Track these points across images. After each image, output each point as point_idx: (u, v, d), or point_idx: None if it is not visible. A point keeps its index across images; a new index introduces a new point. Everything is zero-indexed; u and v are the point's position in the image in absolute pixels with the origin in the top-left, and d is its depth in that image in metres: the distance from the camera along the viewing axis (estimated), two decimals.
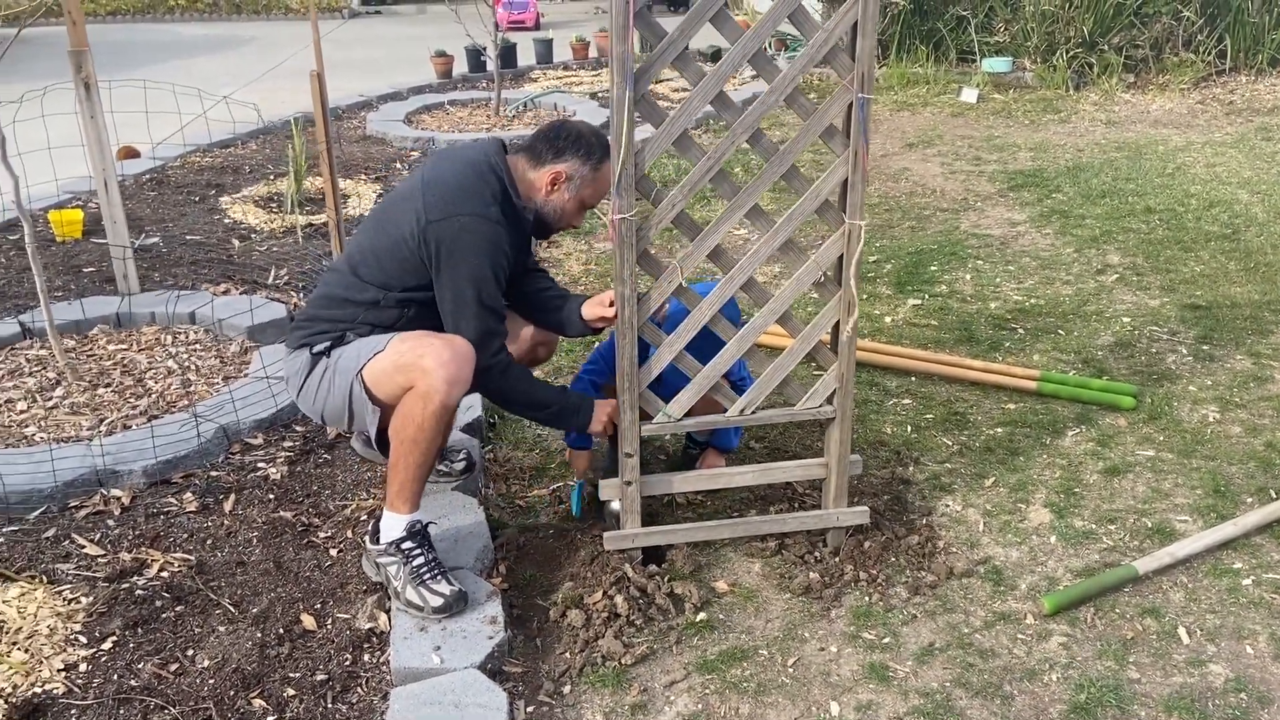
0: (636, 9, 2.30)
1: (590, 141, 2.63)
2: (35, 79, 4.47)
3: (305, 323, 2.67)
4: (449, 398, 2.43)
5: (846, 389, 2.71)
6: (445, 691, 2.25)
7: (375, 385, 2.51)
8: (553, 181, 2.63)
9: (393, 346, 2.51)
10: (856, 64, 2.42)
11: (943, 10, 9.61)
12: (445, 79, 9.72)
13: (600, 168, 2.64)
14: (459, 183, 2.58)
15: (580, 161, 2.62)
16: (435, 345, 2.45)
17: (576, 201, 2.67)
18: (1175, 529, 2.93)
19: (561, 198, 2.66)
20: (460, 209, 2.53)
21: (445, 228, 2.51)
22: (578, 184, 2.65)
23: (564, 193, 2.65)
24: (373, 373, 2.51)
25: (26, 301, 4.36)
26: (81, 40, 3.98)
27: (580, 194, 2.66)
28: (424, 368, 2.42)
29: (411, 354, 2.46)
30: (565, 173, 2.62)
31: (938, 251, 5.08)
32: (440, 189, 2.57)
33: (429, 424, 2.44)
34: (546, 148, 2.63)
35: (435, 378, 2.41)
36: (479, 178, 2.59)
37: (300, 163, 5.67)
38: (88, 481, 3.01)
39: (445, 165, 2.65)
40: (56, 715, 2.25)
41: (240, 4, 16.05)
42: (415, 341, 2.49)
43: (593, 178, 2.65)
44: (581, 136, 2.64)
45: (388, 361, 2.49)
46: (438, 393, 2.41)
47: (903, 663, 2.46)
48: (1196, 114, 7.99)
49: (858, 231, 2.55)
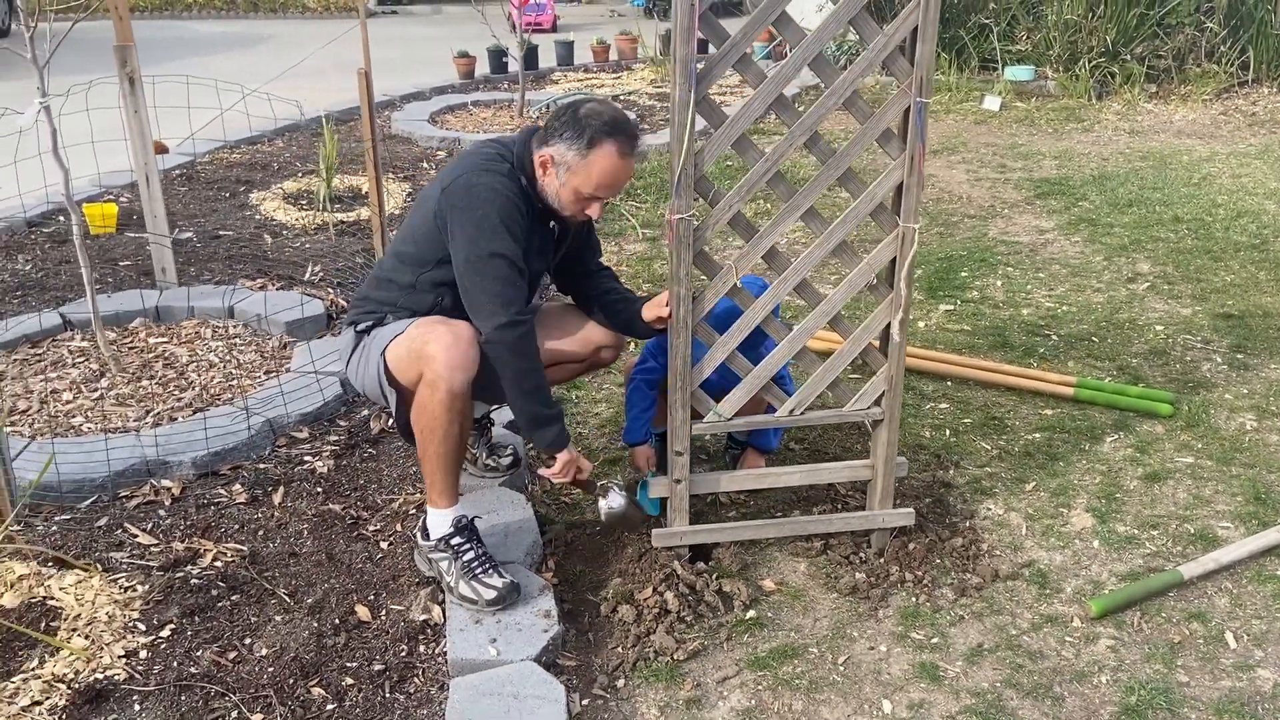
0: (701, 11, 2.33)
1: (586, 123, 2.46)
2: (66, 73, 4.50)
3: (359, 301, 2.73)
4: (453, 383, 2.42)
5: (896, 391, 2.73)
6: (503, 683, 2.27)
7: (396, 371, 2.54)
8: (542, 166, 2.53)
9: (408, 331, 2.53)
10: (915, 68, 2.45)
11: (965, 18, 9.64)
12: (468, 79, 9.76)
13: (590, 153, 2.46)
14: (475, 150, 2.61)
15: (567, 145, 2.47)
16: (439, 330, 2.45)
17: (570, 191, 2.52)
18: (1217, 535, 2.95)
19: (553, 185, 2.54)
20: (469, 168, 2.53)
21: (456, 186, 2.52)
22: (565, 171, 2.50)
23: (554, 179, 2.53)
24: (393, 357, 2.55)
25: (64, 294, 4.40)
26: (127, 35, 4.02)
27: (571, 183, 2.50)
28: (429, 354, 2.43)
29: (419, 340, 2.47)
30: (553, 157, 2.50)
31: (967, 258, 5.10)
32: (458, 162, 2.60)
33: (439, 411, 2.45)
34: (547, 127, 2.54)
35: (439, 364, 2.41)
36: (496, 147, 2.59)
37: (331, 160, 5.71)
38: (138, 472, 3.04)
39: (475, 153, 2.64)
40: (119, 700, 2.27)
41: (257, 2, 16.12)
42: (425, 328, 2.49)
43: (581, 165, 2.48)
44: (578, 118, 2.48)
45: (403, 348, 2.52)
46: (442, 379, 2.41)
47: (952, 663, 2.48)
48: (1220, 125, 8.00)
49: (912, 234, 2.58)
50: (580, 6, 17.56)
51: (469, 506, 2.78)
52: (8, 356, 3.78)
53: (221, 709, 2.26)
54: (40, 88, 3.26)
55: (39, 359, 3.78)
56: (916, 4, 2.39)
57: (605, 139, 2.46)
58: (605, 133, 2.46)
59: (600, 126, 2.46)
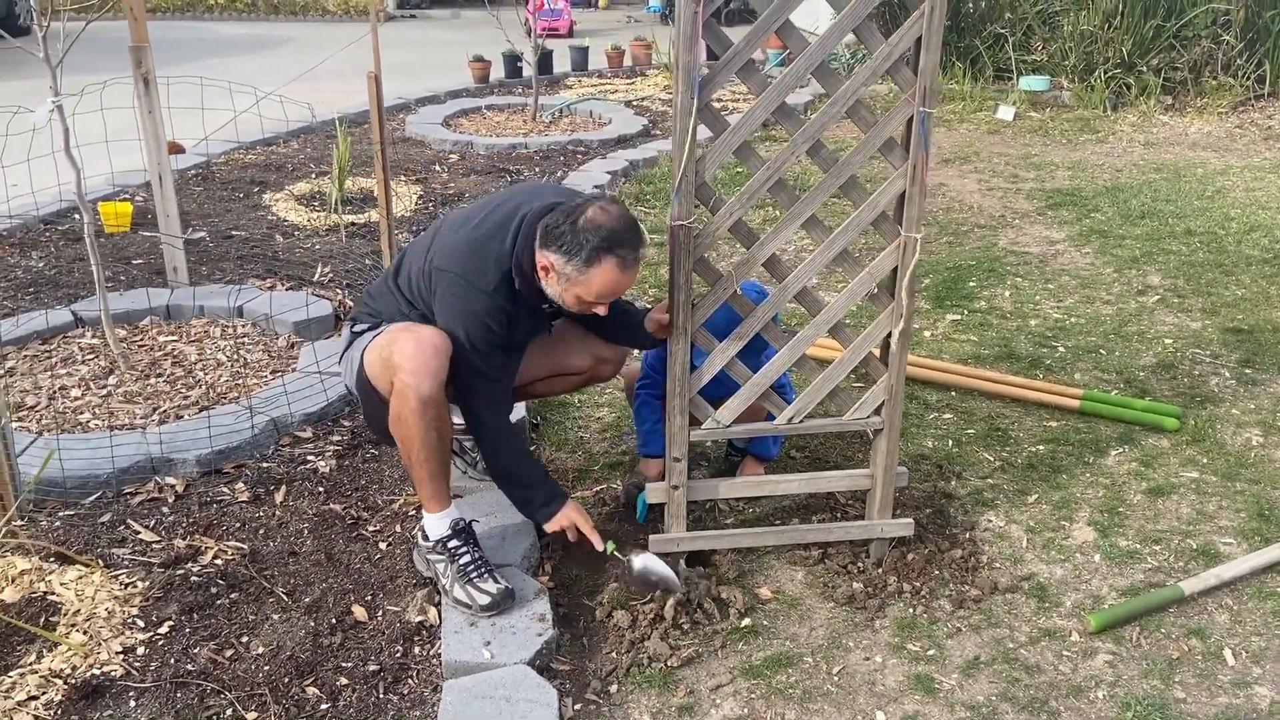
0: (704, 19, 2.34)
1: (584, 238, 2.35)
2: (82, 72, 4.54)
3: (363, 302, 2.78)
4: (420, 390, 2.42)
5: (896, 401, 2.72)
6: (496, 686, 2.28)
7: (373, 377, 2.59)
8: (543, 269, 2.45)
9: (381, 339, 2.57)
10: (919, 78, 2.45)
11: (981, 28, 9.62)
12: (482, 83, 9.80)
13: (589, 269, 2.37)
14: (479, 236, 2.50)
15: (566, 259, 2.39)
16: (402, 339, 2.47)
17: (572, 296, 2.46)
18: (1220, 551, 2.93)
19: (554, 289, 2.47)
20: (459, 265, 2.49)
21: (439, 279, 2.50)
22: (565, 281, 2.43)
23: (554, 284, 2.46)
24: (369, 364, 2.59)
25: (76, 291, 4.43)
26: (142, 36, 4.05)
27: (573, 290, 2.44)
28: (394, 364, 2.46)
29: (387, 349, 2.51)
30: (553, 264, 2.42)
31: (976, 268, 5.08)
32: (466, 235, 2.52)
33: (411, 419, 2.45)
34: (549, 227, 2.42)
35: (405, 372, 2.43)
36: (500, 235, 2.49)
37: (344, 162, 5.74)
38: (142, 469, 3.07)
39: (495, 212, 2.55)
40: (115, 697, 2.29)
41: (278, 4, 16.23)
42: (394, 334, 2.52)
43: (581, 279, 2.40)
44: (576, 230, 2.37)
45: (375, 355, 2.56)
46: (410, 388, 2.42)
47: (948, 675, 2.47)
48: (1235, 138, 7.96)
49: (913, 244, 2.58)
50: (597, 12, 17.61)
51: (467, 509, 2.80)
52: (19, 352, 3.82)
53: (216, 706, 2.28)
54: (53, 86, 3.29)
55: (49, 355, 3.81)
56: (920, 14, 2.39)
57: (604, 255, 2.37)
58: (604, 249, 2.36)
59: (599, 243, 2.35)
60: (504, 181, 6.51)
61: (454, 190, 6.24)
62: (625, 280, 2.46)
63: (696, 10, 2.31)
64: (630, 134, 7.68)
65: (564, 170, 6.73)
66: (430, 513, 2.60)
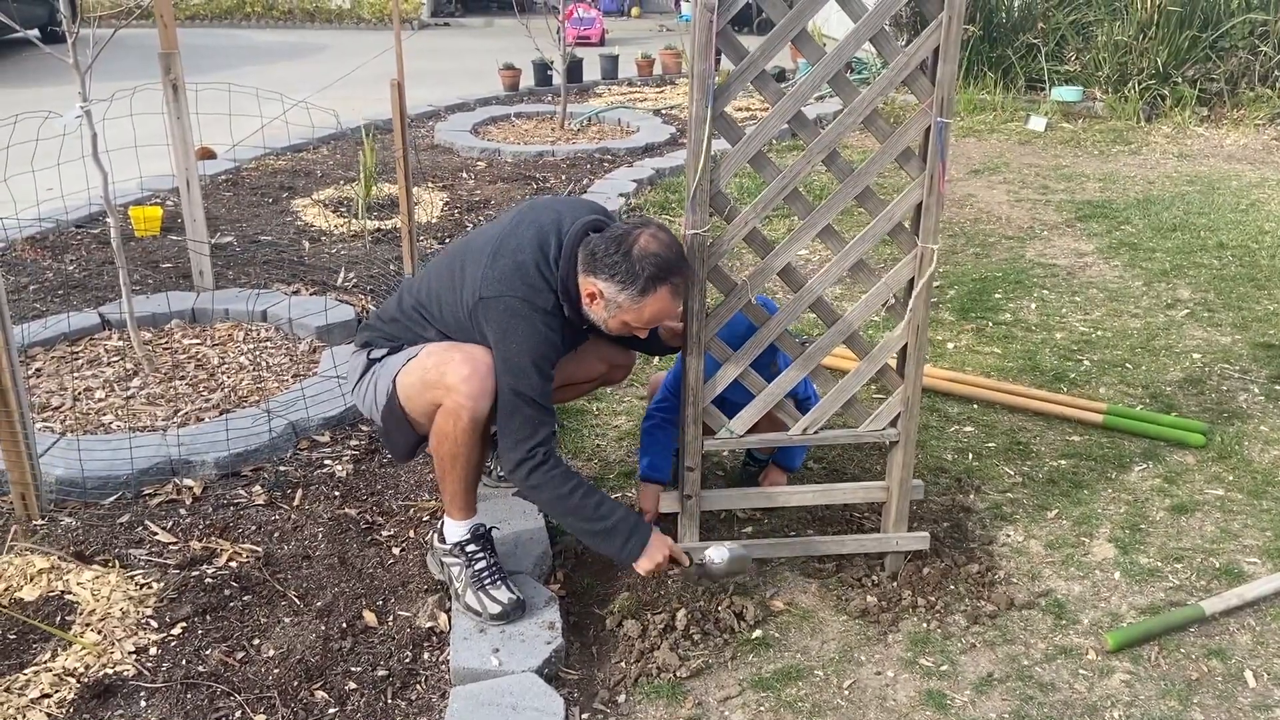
0: (719, 28, 2.33)
1: (640, 267, 2.33)
2: (115, 78, 4.63)
3: (375, 326, 2.72)
4: (476, 411, 2.42)
5: (911, 413, 2.70)
6: (503, 693, 2.28)
7: (406, 400, 2.53)
8: (590, 295, 2.43)
9: (420, 359, 2.51)
10: (937, 88, 2.42)
11: (1013, 38, 9.54)
12: (512, 91, 9.85)
13: (644, 298, 2.36)
14: (521, 259, 2.43)
15: (619, 288, 2.37)
16: (455, 360, 2.43)
17: (618, 322, 2.44)
18: (1244, 571, 2.87)
19: (599, 314, 2.45)
20: (513, 289, 2.40)
21: (493, 306, 2.41)
22: (614, 308, 2.41)
23: (600, 310, 2.43)
24: (403, 386, 2.53)
25: (105, 294, 4.50)
26: (172, 43, 4.11)
27: (621, 317, 2.43)
28: (448, 385, 2.42)
29: (435, 371, 2.46)
30: (602, 292, 2.39)
31: (1002, 279, 5.03)
32: (504, 261, 2.43)
33: (463, 439, 2.46)
34: (597, 254, 2.38)
35: (459, 394, 2.40)
36: (542, 254, 2.44)
37: (370, 169, 5.79)
38: (162, 470, 3.10)
39: (524, 231, 2.48)
40: (127, 696, 2.31)
41: (314, 13, 16.42)
42: (439, 356, 2.48)
43: (633, 307, 2.39)
44: (631, 259, 2.34)
45: (415, 377, 2.50)
46: (464, 409, 2.41)
47: (960, 691, 2.44)
48: (1271, 150, 7.83)
49: (930, 255, 2.55)
50: (629, 21, 17.66)
51: (482, 515, 2.80)
52: (46, 353, 3.88)
53: (226, 708, 2.29)
54: (81, 92, 3.35)
55: (76, 357, 3.87)
56: (938, 24, 2.37)
57: (659, 285, 2.35)
58: (659, 278, 2.35)
59: (655, 272, 2.34)
60: (531, 189, 6.54)
61: (480, 197, 6.27)
62: (675, 307, 2.44)
63: (712, 18, 2.31)
64: (658, 142, 7.69)
65: (590, 178, 6.75)
66: (456, 520, 2.60)
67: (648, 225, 2.42)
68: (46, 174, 3.87)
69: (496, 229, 2.54)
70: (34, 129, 3.76)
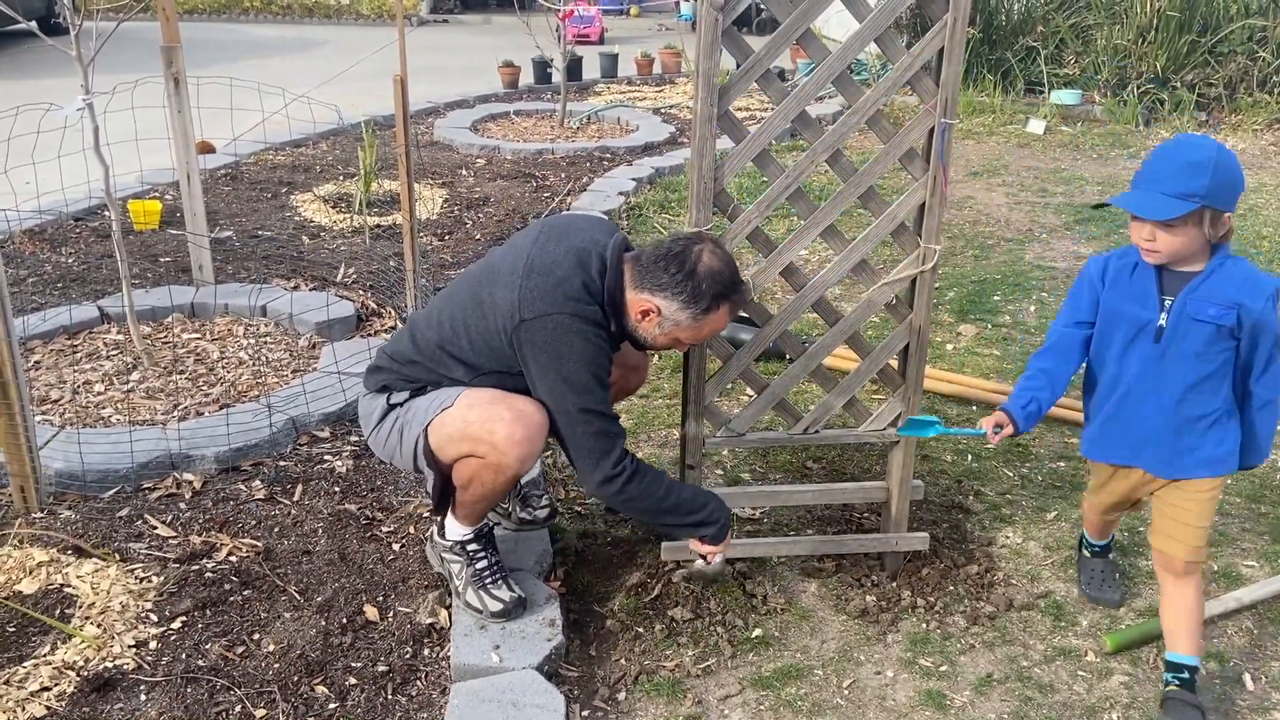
0: (724, 27, 2.33)
1: (705, 287, 2.29)
2: (117, 71, 4.62)
3: (390, 369, 2.53)
4: (522, 470, 2.36)
5: (912, 413, 2.70)
6: (504, 690, 2.28)
7: (439, 447, 2.39)
8: (644, 312, 2.35)
9: (460, 410, 2.36)
10: (941, 89, 2.43)
11: (1012, 41, 9.55)
12: (511, 88, 9.85)
13: (705, 317, 2.32)
14: (561, 275, 2.32)
15: (681, 306, 2.31)
16: (506, 419, 2.31)
17: (669, 339, 2.40)
18: (1241, 574, 2.88)
19: (651, 331, 2.38)
20: (557, 306, 2.29)
21: (539, 326, 2.29)
22: (671, 326, 2.35)
23: (654, 328, 2.37)
24: (438, 435, 2.39)
25: (104, 287, 4.49)
26: (173, 36, 4.10)
27: (674, 333, 2.38)
28: (494, 444, 2.31)
29: (480, 426, 2.33)
30: (660, 309, 2.33)
31: (1001, 281, 5.04)
32: (540, 280, 2.32)
33: (500, 488, 2.40)
34: (653, 270, 2.32)
35: (509, 457, 2.31)
36: (583, 269, 2.34)
37: (370, 165, 5.78)
38: (161, 464, 3.09)
39: (554, 249, 2.37)
40: (126, 690, 2.31)
41: (313, 7, 16.39)
42: (485, 409, 2.34)
43: (692, 325, 2.34)
44: (696, 278, 2.29)
45: (454, 429, 2.36)
46: (509, 469, 2.34)
47: (960, 692, 2.44)
48: (1269, 155, 7.84)
49: (932, 255, 2.56)
50: (628, 20, 17.65)
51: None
52: (45, 346, 3.87)
53: (226, 702, 2.29)
54: (84, 85, 3.34)
55: (75, 350, 3.86)
56: (943, 25, 2.37)
57: (722, 304, 2.33)
58: (723, 296, 2.32)
59: (720, 290, 2.31)
60: (530, 187, 6.53)
61: (479, 194, 6.27)
62: (727, 322, 2.42)
63: (718, 17, 2.31)
64: (657, 141, 7.69)
65: (589, 176, 6.74)
66: (461, 525, 2.56)
67: (703, 242, 2.35)
68: (47, 167, 3.85)
69: (518, 251, 2.41)
70: (34, 121, 3.75)
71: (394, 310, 4.35)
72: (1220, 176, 2.14)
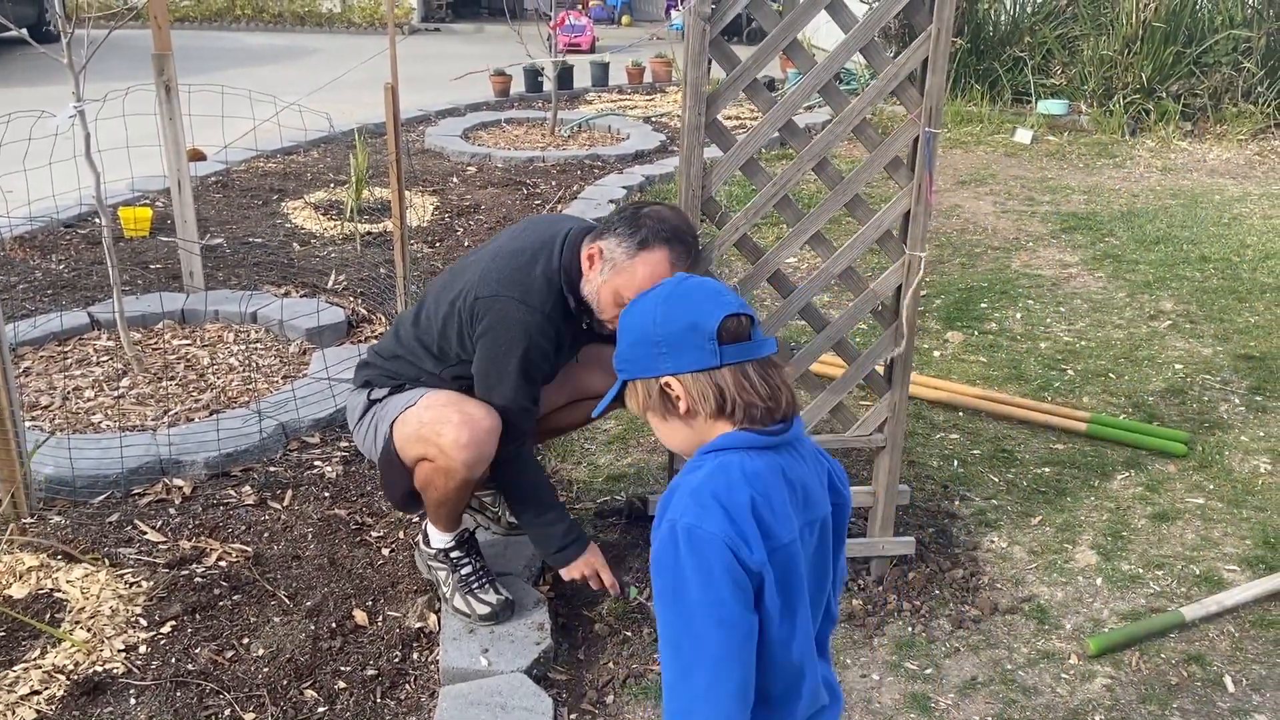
0: (711, 37, 2.37)
1: (643, 223, 2.28)
2: (108, 79, 4.63)
3: (375, 364, 2.61)
4: (471, 473, 2.39)
5: (898, 418, 2.73)
6: (492, 693, 2.29)
7: (401, 447, 2.46)
8: (589, 259, 2.35)
9: (418, 410, 2.43)
10: (925, 99, 2.46)
11: (1000, 51, 9.62)
12: (503, 97, 9.87)
13: (639, 254, 2.26)
14: (523, 261, 2.40)
15: (618, 241, 2.29)
16: (454, 422, 2.35)
17: (610, 291, 2.32)
18: (1223, 578, 2.91)
19: (595, 281, 2.34)
20: (508, 290, 2.36)
21: (487, 306, 2.37)
22: (609, 269, 2.30)
23: (596, 275, 2.34)
24: (400, 432, 2.45)
25: (95, 294, 4.49)
26: (165, 44, 4.12)
27: (613, 282, 2.30)
28: (442, 447, 2.35)
29: (430, 428, 2.38)
30: (602, 250, 2.32)
31: (988, 289, 5.08)
32: (504, 261, 2.41)
33: (454, 492, 2.43)
34: (606, 223, 2.39)
35: (456, 461, 2.35)
36: (544, 260, 2.39)
37: (362, 172, 5.80)
38: (151, 470, 3.10)
39: (526, 238, 2.46)
40: (116, 694, 2.32)
41: (304, 16, 16.42)
42: (437, 411, 2.39)
43: (627, 265, 2.27)
44: (638, 216, 2.30)
45: (411, 429, 2.42)
46: (457, 473, 2.38)
47: (944, 695, 2.47)
48: (1254, 165, 7.92)
49: (917, 262, 2.59)
50: (619, 29, 17.72)
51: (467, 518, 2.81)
52: (35, 353, 3.88)
53: (215, 706, 2.30)
54: (75, 92, 3.35)
55: (65, 356, 3.86)
56: (927, 35, 2.41)
57: (659, 244, 2.26)
58: (661, 238, 2.25)
59: (657, 230, 2.26)
60: (521, 194, 6.56)
61: (470, 202, 6.29)
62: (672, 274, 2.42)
63: (705, 27, 2.34)
64: (648, 150, 7.73)
65: (580, 184, 6.77)
66: (439, 530, 2.59)
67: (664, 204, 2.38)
68: (38, 173, 3.87)
69: (496, 240, 2.53)
70: (25, 128, 3.76)
71: (384, 317, 4.37)
72: None
